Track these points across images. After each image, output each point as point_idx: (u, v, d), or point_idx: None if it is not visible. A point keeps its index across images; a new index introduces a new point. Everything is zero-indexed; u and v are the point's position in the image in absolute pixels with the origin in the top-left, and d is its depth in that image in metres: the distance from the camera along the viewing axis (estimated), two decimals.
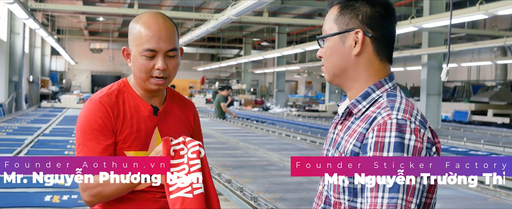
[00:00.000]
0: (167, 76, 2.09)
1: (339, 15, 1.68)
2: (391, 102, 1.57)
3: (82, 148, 2.04)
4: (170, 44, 2.06)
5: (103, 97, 2.10)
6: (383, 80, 1.66)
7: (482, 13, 10.73)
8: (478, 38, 22.73)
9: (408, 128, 1.48)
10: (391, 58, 1.71)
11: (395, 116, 1.50)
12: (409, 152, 1.46)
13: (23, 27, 21.19)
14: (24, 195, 5.63)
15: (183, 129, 2.25)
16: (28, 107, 23.84)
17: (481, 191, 6.82)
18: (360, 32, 1.64)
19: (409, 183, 1.44)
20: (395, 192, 1.44)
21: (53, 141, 10.59)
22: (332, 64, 1.69)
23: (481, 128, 18.54)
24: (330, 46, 1.69)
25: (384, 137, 1.48)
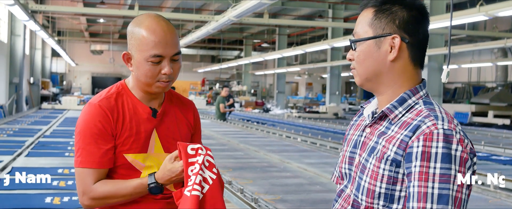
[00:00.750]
0: (171, 79, 2.09)
1: (374, 19, 1.64)
2: (433, 111, 1.56)
3: (81, 152, 2.04)
4: (175, 48, 2.05)
5: (102, 100, 2.09)
6: (418, 87, 1.65)
7: (483, 15, 10.73)
8: (479, 40, 22.74)
9: (454, 139, 1.48)
10: (423, 63, 1.70)
11: (441, 126, 1.49)
12: (456, 163, 1.45)
13: (24, 29, 21.20)
14: (25, 196, 5.63)
15: (182, 129, 2.25)
16: (29, 108, 23.84)
17: (481, 192, 6.81)
18: (397, 37, 1.62)
19: (456, 195, 1.44)
20: (444, 204, 1.43)
21: (54, 142, 10.59)
22: (366, 68, 1.66)
23: (481, 129, 18.53)
24: (364, 50, 1.65)
25: (431, 147, 1.47)
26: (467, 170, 1.47)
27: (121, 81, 2.20)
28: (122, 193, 2.01)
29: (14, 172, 7.09)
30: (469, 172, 1.47)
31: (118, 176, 2.09)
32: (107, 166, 2.05)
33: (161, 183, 1.99)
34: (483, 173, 7.33)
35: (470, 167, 1.48)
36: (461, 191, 1.45)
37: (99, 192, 2.01)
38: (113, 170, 2.09)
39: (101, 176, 2.05)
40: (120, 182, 2.03)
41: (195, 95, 35.88)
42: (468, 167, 1.47)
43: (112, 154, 2.06)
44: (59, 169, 7.36)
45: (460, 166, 1.45)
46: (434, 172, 1.45)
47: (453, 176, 1.44)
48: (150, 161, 2.11)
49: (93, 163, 2.02)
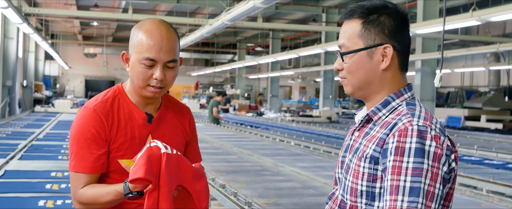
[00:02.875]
0: (164, 86, 2.07)
1: (364, 30, 1.66)
2: (411, 110, 1.59)
3: (74, 157, 2.04)
4: (170, 56, 2.05)
5: (97, 105, 2.08)
6: (403, 90, 1.69)
7: (475, 19, 10.78)
8: (471, 44, 22.86)
9: (428, 135, 1.50)
10: (407, 67, 1.73)
11: (416, 123, 1.53)
12: (429, 158, 1.47)
13: (17, 32, 21.14)
14: (18, 200, 5.62)
15: (177, 135, 2.24)
16: (22, 112, 23.78)
17: (474, 196, 6.85)
18: (389, 47, 1.65)
19: (428, 188, 1.46)
20: (415, 196, 1.45)
21: (47, 146, 10.56)
22: (358, 78, 1.69)
23: (474, 133, 18.59)
24: (356, 61, 1.68)
25: (405, 142, 1.50)
26: (442, 166, 1.49)
27: (118, 84, 2.19)
28: (103, 200, 1.99)
29: (7, 175, 7.07)
30: (444, 168, 1.49)
31: (111, 181, 2.08)
32: (99, 171, 2.05)
33: (136, 190, 1.90)
34: (476, 177, 7.37)
35: (445, 163, 1.50)
36: (434, 185, 1.46)
37: (84, 197, 2.02)
38: (107, 175, 2.09)
39: (92, 181, 2.05)
40: (101, 187, 2.01)
41: (188, 98, 35.86)
42: (442, 163, 1.49)
43: (105, 159, 2.06)
44: (52, 172, 7.35)
45: (433, 161, 1.48)
46: (407, 166, 1.48)
47: (426, 170, 1.47)
48: None
49: (85, 168, 2.03)
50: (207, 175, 7.02)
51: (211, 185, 6.42)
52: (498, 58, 23.87)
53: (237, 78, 37.93)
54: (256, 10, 10.90)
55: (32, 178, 6.92)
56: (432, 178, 1.46)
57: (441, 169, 1.49)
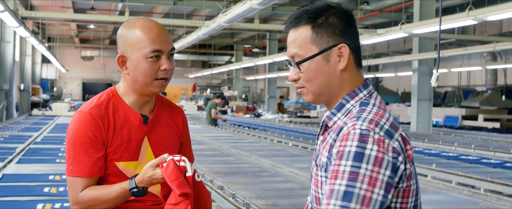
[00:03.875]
0: (169, 76, 2.11)
1: (315, 35, 1.64)
2: (360, 112, 1.57)
3: (72, 161, 2.04)
4: (171, 44, 2.10)
5: (93, 109, 2.09)
6: (357, 89, 1.66)
7: (472, 19, 10.79)
8: (468, 44, 22.87)
9: (370, 139, 1.47)
10: (361, 62, 1.72)
11: (359, 127, 1.50)
12: (369, 162, 1.45)
13: (14, 35, 21.12)
14: (17, 203, 5.61)
15: (172, 136, 2.25)
16: (19, 115, 23.74)
17: (472, 195, 6.85)
18: (345, 46, 1.63)
19: (364, 193, 1.43)
20: (347, 201, 1.43)
21: (45, 149, 10.55)
22: (318, 84, 1.66)
23: (472, 133, 18.62)
24: (313, 68, 1.65)
25: (346, 146, 1.48)
26: (384, 170, 1.46)
27: (111, 87, 2.20)
28: (106, 198, 2.01)
29: (5, 179, 7.07)
30: (387, 172, 1.46)
31: (109, 184, 2.09)
32: (97, 174, 2.06)
33: (142, 186, 1.98)
34: (474, 177, 7.38)
35: (388, 167, 1.47)
36: (372, 190, 1.43)
37: (85, 199, 2.02)
38: (104, 178, 2.10)
39: (91, 185, 2.05)
40: (103, 188, 2.03)
41: (186, 100, 35.84)
42: (384, 167, 1.46)
43: (102, 163, 2.07)
44: (50, 176, 7.34)
45: (373, 165, 1.45)
46: (344, 169, 1.46)
47: (363, 174, 1.44)
48: (141, 169, 2.11)
49: (84, 172, 2.03)
50: (205, 176, 7.03)
51: (209, 186, 6.42)
52: (495, 57, 23.88)
53: (235, 79, 37.93)
54: (252, 12, 10.90)
55: (30, 182, 6.91)
56: (370, 182, 1.44)
57: (382, 173, 1.45)
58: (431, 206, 6.27)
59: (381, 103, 1.64)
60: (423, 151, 12.00)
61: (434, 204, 6.37)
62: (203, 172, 7.75)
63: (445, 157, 10.78)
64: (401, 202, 1.56)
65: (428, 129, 18.76)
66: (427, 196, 6.87)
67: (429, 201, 6.56)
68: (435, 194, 7.03)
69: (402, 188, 1.54)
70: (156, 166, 1.96)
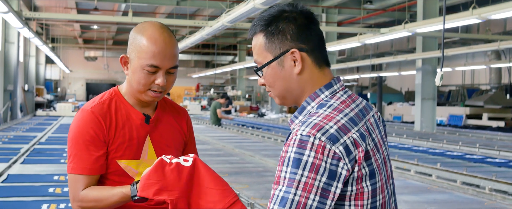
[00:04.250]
0: (164, 90, 2.10)
1: (268, 42, 1.66)
2: (310, 116, 1.57)
3: (73, 159, 2.05)
4: (173, 62, 2.07)
5: (95, 107, 2.09)
6: (318, 91, 1.66)
7: (476, 18, 10.78)
8: (472, 42, 22.82)
9: (309, 145, 1.47)
10: (327, 59, 1.71)
11: (301, 132, 1.50)
12: (306, 169, 1.45)
13: (18, 36, 21.16)
14: (22, 203, 5.63)
15: (175, 136, 2.26)
16: (23, 116, 23.79)
17: (477, 195, 6.84)
18: (296, 51, 1.63)
19: (299, 199, 1.44)
20: (282, 206, 1.46)
21: (49, 149, 10.57)
22: (278, 89, 1.69)
23: (476, 132, 18.59)
24: (271, 74, 1.67)
25: (287, 152, 1.50)
26: (321, 176, 1.46)
27: (114, 87, 2.21)
28: (107, 201, 2.00)
29: (10, 180, 7.09)
30: (323, 178, 1.46)
31: (110, 182, 2.10)
32: (98, 172, 2.06)
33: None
34: (479, 176, 7.37)
35: (324, 173, 1.46)
36: (307, 196, 1.45)
37: (86, 199, 2.02)
38: (106, 177, 2.10)
39: (92, 183, 2.06)
40: (105, 189, 2.03)
41: (189, 100, 35.87)
42: (321, 174, 1.46)
43: (104, 161, 2.07)
44: (55, 176, 7.36)
45: (309, 171, 1.45)
46: (284, 175, 1.48)
47: (298, 180, 1.45)
48: (143, 167, 2.11)
49: (84, 169, 2.03)
50: None
51: None
52: (499, 56, 23.86)
53: (238, 79, 37.95)
54: (256, 11, 10.90)
55: (35, 182, 6.92)
56: (305, 188, 1.45)
57: (318, 180, 1.45)
58: (435, 205, 6.26)
59: (343, 102, 1.62)
60: (428, 150, 11.99)
61: (439, 204, 6.36)
62: None
63: (450, 156, 10.76)
64: (355, 205, 1.55)
65: (432, 128, 18.74)
66: (432, 195, 6.86)
67: (434, 200, 6.55)
68: (440, 193, 7.03)
69: (353, 191, 1.53)
70: None
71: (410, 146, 13.01)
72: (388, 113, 27.41)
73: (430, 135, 16.02)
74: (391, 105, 27.76)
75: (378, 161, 1.60)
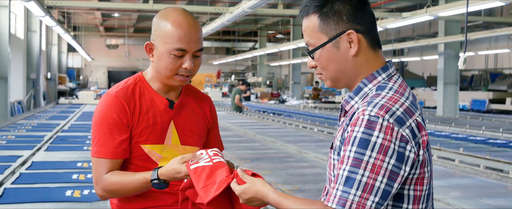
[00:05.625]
0: (191, 74, 2.11)
1: (323, 23, 1.65)
2: (374, 97, 1.55)
3: (96, 142, 2.07)
4: (198, 44, 2.09)
5: (119, 91, 2.11)
6: (375, 73, 1.64)
7: (499, 0, 10.64)
8: (495, 26, 22.54)
9: (378, 126, 1.46)
10: (379, 41, 1.70)
11: (369, 112, 1.49)
12: (374, 150, 1.44)
13: (40, 25, 21.35)
14: (46, 190, 5.69)
15: (199, 122, 2.26)
16: (46, 104, 24.04)
17: (500, 179, 6.79)
18: (352, 32, 1.62)
19: (367, 181, 1.43)
20: (348, 187, 1.44)
21: (72, 137, 10.68)
22: (332, 71, 1.67)
23: (499, 116, 18.41)
24: (325, 56, 1.66)
25: (353, 131, 1.49)
26: (389, 158, 1.44)
27: (139, 73, 2.23)
28: (128, 186, 2.02)
29: (34, 167, 7.17)
30: (392, 160, 1.45)
31: (134, 167, 2.12)
32: (121, 156, 2.08)
33: (163, 179, 1.97)
34: (502, 160, 7.30)
35: (394, 155, 1.45)
36: (375, 178, 1.43)
37: (108, 183, 2.05)
38: (129, 161, 2.12)
39: (115, 167, 2.08)
40: (128, 174, 2.05)
41: (210, 87, 35.94)
42: (389, 156, 1.44)
43: (127, 145, 2.08)
44: (78, 163, 7.43)
45: (378, 153, 1.44)
46: (349, 155, 1.47)
47: (366, 161, 1.44)
48: (167, 153, 2.13)
49: (107, 153, 2.05)
50: (231, 163, 7.04)
51: None
52: None
53: (259, 66, 37.90)
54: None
55: (58, 169, 7.00)
56: (373, 170, 1.43)
57: (387, 162, 1.44)
58: (459, 190, 6.23)
59: (401, 86, 1.61)
60: (450, 135, 11.90)
61: (462, 188, 6.32)
62: (229, 158, 7.77)
63: (473, 141, 10.68)
64: (414, 189, 1.54)
65: (455, 113, 18.58)
66: (455, 180, 6.81)
67: (457, 185, 6.51)
68: (463, 178, 6.98)
69: (415, 175, 1.52)
70: (184, 162, 1.94)
71: (432, 131, 12.92)
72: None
73: (452, 120, 15.90)
74: (413, 90, 27.58)
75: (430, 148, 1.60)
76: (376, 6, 23.33)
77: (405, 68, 30.95)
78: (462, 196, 5.91)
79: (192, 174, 1.88)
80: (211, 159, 1.93)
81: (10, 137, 10.48)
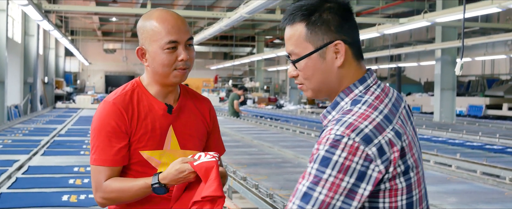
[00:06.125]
0: (188, 66, 2.11)
1: (310, 32, 1.61)
2: (345, 114, 1.53)
3: (95, 150, 2.07)
4: (188, 33, 2.09)
5: (117, 98, 2.11)
6: (352, 86, 1.62)
7: (496, 7, 10.67)
8: (492, 32, 22.57)
9: (341, 145, 1.44)
10: (362, 53, 1.67)
11: (334, 132, 1.47)
12: (335, 169, 1.43)
13: (37, 29, 21.35)
14: (42, 195, 5.68)
15: (198, 126, 2.26)
16: (43, 108, 24.00)
17: (497, 185, 6.79)
18: (340, 43, 1.59)
19: (324, 198, 1.42)
20: (305, 203, 1.43)
21: (69, 141, 10.66)
22: (316, 82, 1.64)
23: (496, 122, 18.42)
24: (310, 66, 1.62)
25: (318, 149, 1.48)
26: (349, 178, 1.43)
27: (136, 78, 2.22)
28: (128, 192, 2.03)
29: (30, 171, 7.16)
30: (351, 180, 1.43)
31: (133, 173, 2.11)
32: (120, 163, 2.08)
33: (164, 184, 1.98)
34: (499, 166, 7.31)
35: (352, 175, 1.43)
36: (333, 196, 1.42)
37: (108, 190, 2.05)
38: (129, 167, 2.11)
39: (114, 174, 2.07)
40: (128, 180, 2.05)
41: (208, 92, 35.94)
42: (350, 175, 1.43)
43: (126, 152, 2.08)
44: (75, 168, 7.42)
45: (338, 172, 1.43)
46: (311, 171, 1.46)
47: (325, 180, 1.43)
48: (166, 158, 2.13)
49: (106, 161, 2.05)
50: (228, 168, 7.05)
51: (232, 178, 6.43)
52: None
53: (256, 70, 37.92)
54: (274, 2, 10.89)
55: (55, 174, 6.99)
56: (331, 188, 1.42)
57: (346, 181, 1.43)
58: (455, 196, 6.23)
59: (377, 98, 1.58)
60: (447, 140, 11.91)
61: (458, 194, 6.33)
62: (226, 163, 7.77)
63: (470, 147, 10.69)
64: (390, 202, 1.52)
65: (452, 119, 18.60)
66: (451, 186, 6.82)
67: (454, 191, 6.51)
68: (460, 184, 6.98)
69: (385, 188, 1.50)
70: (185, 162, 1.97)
71: (429, 136, 12.93)
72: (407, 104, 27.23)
73: (449, 126, 15.91)
74: (410, 96, 27.61)
75: (415, 155, 1.57)
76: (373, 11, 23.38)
77: (402, 73, 30.98)
78: (458, 201, 5.91)
79: (198, 170, 1.93)
80: (212, 156, 1.99)
81: (6, 141, 10.46)
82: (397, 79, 26.20)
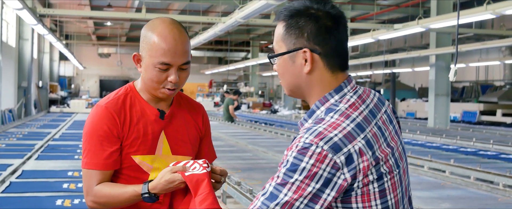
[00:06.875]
0: (177, 87, 2.10)
1: (285, 34, 1.64)
2: (317, 123, 1.54)
3: (87, 154, 2.07)
4: (184, 58, 2.06)
5: (109, 103, 2.10)
6: (328, 95, 1.63)
7: (490, 13, 10.71)
8: (486, 38, 22.66)
9: (309, 152, 1.46)
10: (346, 65, 1.67)
11: (304, 140, 1.49)
12: (302, 174, 1.45)
13: (32, 33, 21.30)
14: (36, 199, 5.67)
15: (191, 131, 2.25)
16: (37, 112, 23.94)
17: (491, 191, 6.81)
18: (307, 51, 1.60)
19: (288, 200, 1.45)
20: (269, 201, 1.47)
21: (63, 146, 10.64)
22: (286, 81, 1.68)
23: (490, 128, 18.47)
24: (281, 65, 1.66)
25: (287, 155, 1.50)
26: (315, 183, 1.45)
27: (130, 83, 2.21)
28: (118, 198, 2.02)
29: (24, 175, 7.14)
30: (317, 185, 1.45)
31: (125, 177, 2.11)
32: (111, 167, 2.07)
33: (154, 193, 1.98)
34: (492, 172, 7.33)
35: (319, 181, 1.45)
36: (297, 199, 1.45)
37: (99, 195, 2.04)
38: (120, 172, 2.11)
39: (105, 178, 2.07)
40: (119, 186, 2.05)
41: (202, 97, 35.92)
42: (316, 181, 1.45)
43: (117, 156, 2.08)
44: (69, 172, 7.40)
45: (305, 178, 1.45)
46: (279, 174, 1.49)
47: (291, 183, 1.46)
48: (158, 163, 2.12)
49: (98, 165, 2.05)
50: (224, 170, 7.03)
51: (226, 182, 6.43)
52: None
53: (251, 75, 37.94)
54: (269, 7, 10.91)
55: (49, 178, 6.97)
56: (296, 192, 1.45)
57: (312, 186, 1.45)
58: (449, 201, 6.24)
59: (352, 106, 1.58)
60: (441, 146, 11.94)
61: (452, 200, 6.34)
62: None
63: (463, 153, 10.71)
64: (363, 207, 1.53)
65: (446, 125, 18.64)
66: (445, 191, 6.83)
67: (448, 196, 6.52)
68: (454, 189, 7.00)
69: (357, 193, 1.51)
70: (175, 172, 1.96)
71: (423, 142, 12.96)
72: (402, 109, 27.30)
73: (443, 132, 15.94)
74: (405, 101, 27.66)
75: (390, 161, 1.57)
76: (368, 17, 23.47)
77: (396, 79, 31.03)
78: (452, 207, 5.93)
79: (189, 181, 1.91)
80: (204, 168, 1.95)
81: (0, 145, 10.43)
82: (392, 84, 26.25)
